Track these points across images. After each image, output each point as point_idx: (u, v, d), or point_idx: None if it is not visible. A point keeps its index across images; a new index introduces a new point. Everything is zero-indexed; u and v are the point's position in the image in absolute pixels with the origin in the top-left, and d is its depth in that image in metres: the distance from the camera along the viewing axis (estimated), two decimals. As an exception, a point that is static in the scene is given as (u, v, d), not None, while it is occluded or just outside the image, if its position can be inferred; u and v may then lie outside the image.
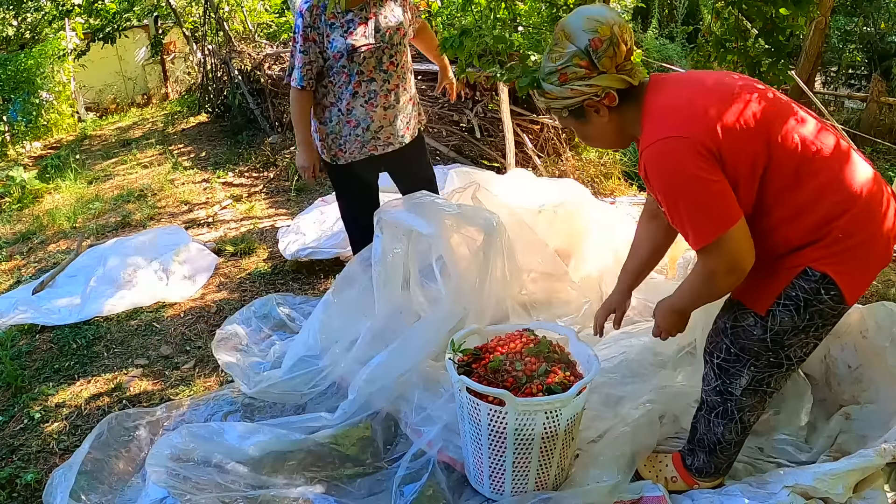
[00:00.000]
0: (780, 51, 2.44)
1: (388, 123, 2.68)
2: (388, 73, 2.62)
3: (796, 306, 1.59)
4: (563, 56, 1.58)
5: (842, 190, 1.53)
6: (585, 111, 1.64)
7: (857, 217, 1.53)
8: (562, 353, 1.99)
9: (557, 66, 1.60)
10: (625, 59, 1.58)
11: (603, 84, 1.58)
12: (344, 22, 2.51)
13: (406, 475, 1.98)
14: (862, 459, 1.79)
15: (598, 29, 1.54)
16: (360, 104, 2.61)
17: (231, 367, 2.54)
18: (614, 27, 1.54)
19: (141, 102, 9.98)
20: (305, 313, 3.00)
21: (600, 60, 1.56)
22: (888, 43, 7.17)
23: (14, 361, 2.94)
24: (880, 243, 1.58)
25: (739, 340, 1.70)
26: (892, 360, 2.06)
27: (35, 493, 2.19)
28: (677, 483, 1.96)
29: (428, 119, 4.73)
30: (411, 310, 2.49)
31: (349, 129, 2.66)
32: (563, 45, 1.59)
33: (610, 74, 1.57)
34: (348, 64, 2.54)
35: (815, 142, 1.54)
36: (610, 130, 1.67)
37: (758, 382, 1.74)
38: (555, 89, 1.62)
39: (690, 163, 1.47)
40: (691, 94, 1.57)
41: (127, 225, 4.57)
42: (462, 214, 2.45)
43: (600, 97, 1.60)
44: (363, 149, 2.69)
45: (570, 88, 1.59)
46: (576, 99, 1.61)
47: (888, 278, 3.22)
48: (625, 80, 1.59)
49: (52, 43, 8.29)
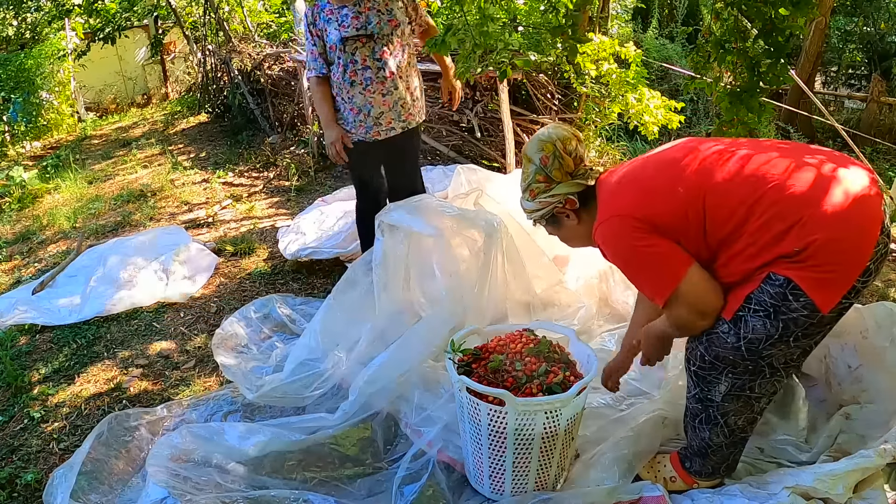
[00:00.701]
0: (779, 51, 2.44)
1: (388, 109, 2.86)
2: (383, 62, 2.79)
3: (766, 313, 1.58)
4: (528, 175, 1.86)
5: (788, 210, 1.53)
6: (558, 218, 1.88)
7: (806, 227, 1.51)
8: (562, 353, 1.99)
9: (525, 185, 1.88)
10: (575, 166, 1.82)
11: (562, 192, 1.82)
12: (339, 16, 2.77)
13: (406, 475, 1.98)
14: (862, 459, 1.79)
15: (543, 148, 1.81)
16: (358, 92, 2.81)
17: (231, 372, 2.54)
18: (556, 143, 1.80)
19: (141, 102, 9.98)
20: (306, 314, 3.00)
21: (552, 173, 1.82)
22: (888, 43, 7.16)
23: (14, 361, 2.94)
24: (845, 246, 1.53)
25: (713, 348, 1.69)
26: (892, 360, 2.06)
27: (35, 493, 2.19)
28: (676, 483, 1.96)
29: (428, 119, 4.73)
30: (412, 310, 2.49)
31: (353, 115, 2.86)
32: (526, 166, 1.86)
33: (565, 183, 1.82)
34: (342, 54, 2.78)
35: (756, 179, 1.57)
36: (582, 230, 1.87)
37: (738, 388, 1.72)
38: (529, 204, 1.89)
39: (627, 236, 1.66)
40: (628, 175, 1.76)
41: (127, 225, 4.57)
42: (463, 216, 2.46)
43: (563, 203, 1.83)
44: (367, 134, 2.88)
45: (539, 201, 1.86)
46: (545, 209, 1.86)
47: (888, 278, 3.22)
48: (581, 183, 1.83)
49: (52, 43, 8.29)
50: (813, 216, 1.52)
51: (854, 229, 1.53)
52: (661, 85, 6.28)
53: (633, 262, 1.69)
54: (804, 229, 1.52)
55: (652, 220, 1.63)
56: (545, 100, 4.56)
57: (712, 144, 1.72)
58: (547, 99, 4.56)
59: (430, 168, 4.38)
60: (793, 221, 1.53)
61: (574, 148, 1.82)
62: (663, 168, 1.72)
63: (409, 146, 3.04)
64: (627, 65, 4.05)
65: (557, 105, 4.61)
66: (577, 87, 4.23)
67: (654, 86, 4.77)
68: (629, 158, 4.93)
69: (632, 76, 3.98)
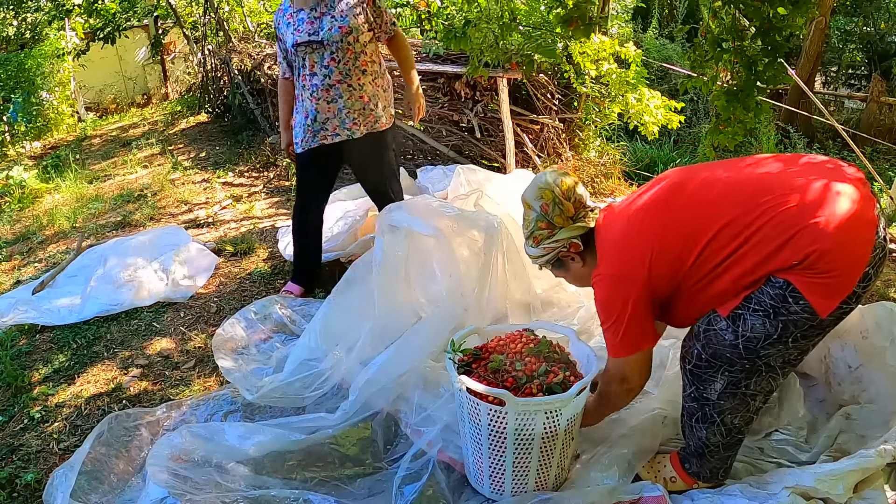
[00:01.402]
0: (777, 50, 2.44)
1: (333, 116, 2.88)
2: (329, 69, 2.80)
3: (766, 313, 1.59)
4: (530, 222, 1.89)
5: (781, 227, 1.55)
6: (563, 262, 1.93)
7: (802, 239, 1.53)
8: (562, 354, 1.99)
9: (528, 232, 1.91)
10: (576, 210, 1.85)
11: (565, 237, 1.86)
12: (296, 21, 2.80)
13: (406, 475, 1.98)
14: (862, 459, 1.79)
15: (542, 195, 1.85)
16: (307, 96, 2.87)
17: (231, 374, 2.54)
18: (555, 189, 1.83)
19: (141, 102, 9.97)
20: (306, 315, 2.99)
21: (553, 220, 1.85)
22: (888, 43, 7.17)
23: (14, 361, 2.94)
24: (842, 253, 1.54)
25: (711, 345, 1.70)
26: (892, 360, 2.06)
27: (35, 493, 2.19)
28: (676, 483, 1.96)
29: (428, 119, 4.73)
30: (412, 310, 2.49)
31: (301, 118, 2.93)
32: (527, 213, 1.90)
33: (567, 227, 1.85)
34: (295, 58, 2.85)
35: (752, 205, 1.60)
36: (586, 273, 1.90)
37: (734, 386, 1.73)
38: (533, 251, 1.92)
39: (618, 297, 1.74)
40: (625, 225, 1.79)
41: (127, 225, 4.57)
42: (463, 217, 2.46)
43: (567, 248, 1.87)
44: (315, 138, 2.92)
45: (543, 247, 1.89)
46: (550, 255, 1.90)
47: (888, 278, 3.22)
48: (583, 226, 1.86)
49: (52, 43, 8.29)
50: (807, 228, 1.53)
51: (849, 236, 1.54)
52: (661, 85, 6.28)
53: (613, 320, 1.77)
54: (800, 242, 1.53)
55: (650, 276, 1.71)
56: (545, 100, 4.56)
57: (697, 180, 1.75)
58: (547, 99, 4.56)
59: (429, 168, 4.38)
60: (787, 237, 1.55)
61: (573, 192, 1.85)
62: (654, 214, 1.76)
63: (368, 153, 3.01)
64: (627, 65, 4.05)
65: (557, 105, 4.61)
66: (577, 87, 4.24)
67: (654, 86, 4.77)
68: (629, 158, 4.95)
69: (632, 76, 3.99)
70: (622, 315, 1.74)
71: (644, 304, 1.74)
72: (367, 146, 2.97)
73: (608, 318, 1.78)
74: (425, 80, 4.73)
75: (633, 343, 1.77)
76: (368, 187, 3.18)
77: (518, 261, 2.60)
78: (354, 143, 2.93)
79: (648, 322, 1.77)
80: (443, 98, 4.67)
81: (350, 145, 2.94)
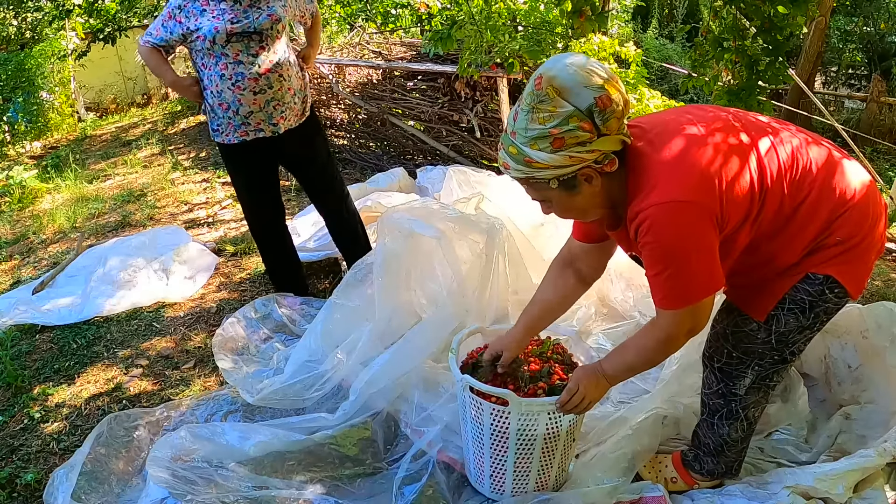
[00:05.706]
0: (778, 50, 2.44)
1: (259, 109, 2.71)
2: (257, 57, 2.65)
3: (801, 309, 1.60)
4: (557, 116, 1.34)
5: (832, 199, 1.52)
6: (577, 182, 1.42)
7: (850, 219, 1.53)
8: (564, 354, 1.99)
9: (550, 129, 1.34)
10: (624, 116, 1.40)
11: (605, 148, 1.37)
12: (214, 7, 2.60)
13: (406, 476, 1.98)
14: (862, 459, 1.79)
15: (604, 85, 1.34)
16: (227, 87, 2.66)
17: (232, 376, 2.54)
18: (617, 85, 1.36)
19: (141, 102, 9.97)
20: (306, 314, 2.99)
21: (607, 122, 1.35)
22: (888, 43, 7.17)
23: (14, 361, 2.94)
24: (875, 237, 1.59)
25: (742, 345, 1.69)
26: (892, 360, 2.06)
27: (35, 493, 2.19)
28: (677, 483, 1.96)
29: (428, 119, 4.73)
30: (413, 311, 2.49)
31: (221, 111, 2.73)
32: (554, 102, 1.34)
33: (612, 137, 1.38)
34: (212, 46, 2.61)
35: (799, 163, 1.52)
36: (598, 200, 1.48)
37: (762, 379, 1.73)
38: (545, 157, 1.36)
39: (697, 230, 1.38)
40: (689, 148, 1.43)
41: (127, 225, 4.57)
42: (464, 219, 2.46)
43: (601, 163, 1.39)
44: (236, 133, 2.75)
45: (568, 156, 1.36)
46: (572, 168, 1.38)
47: (888, 278, 3.22)
48: (622, 139, 1.40)
49: (53, 43, 8.28)
50: (856, 210, 1.54)
51: (878, 223, 1.58)
52: (661, 85, 6.28)
53: (684, 260, 1.40)
54: (848, 223, 1.53)
55: (723, 216, 1.41)
56: (545, 100, 4.55)
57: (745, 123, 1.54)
58: (547, 99, 4.55)
59: (429, 168, 4.38)
60: (839, 213, 1.52)
61: (625, 90, 1.39)
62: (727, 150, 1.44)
63: (300, 146, 2.89)
64: (627, 65, 4.05)
65: (557, 105, 4.60)
66: (577, 87, 4.22)
67: (654, 86, 4.77)
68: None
69: (632, 76, 3.98)
70: (700, 252, 1.39)
71: (717, 237, 1.43)
72: (297, 140, 2.85)
73: (683, 254, 1.39)
74: (425, 80, 4.74)
75: (716, 280, 1.44)
76: (309, 186, 3.01)
77: (520, 262, 2.60)
78: (281, 138, 2.80)
79: (718, 259, 1.45)
80: (443, 98, 4.67)
81: (277, 141, 2.80)
